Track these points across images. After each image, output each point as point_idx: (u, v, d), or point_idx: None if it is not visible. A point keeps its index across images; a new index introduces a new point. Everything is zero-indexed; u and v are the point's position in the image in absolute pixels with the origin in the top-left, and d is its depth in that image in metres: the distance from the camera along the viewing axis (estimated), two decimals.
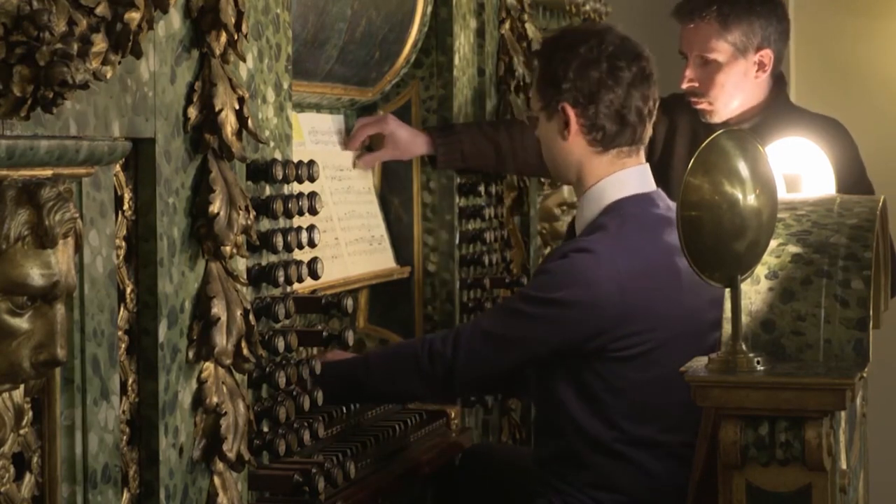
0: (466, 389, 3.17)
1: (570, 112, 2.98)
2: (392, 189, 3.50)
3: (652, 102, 3.02)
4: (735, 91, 3.65)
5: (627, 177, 3.00)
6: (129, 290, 2.10)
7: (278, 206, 2.53)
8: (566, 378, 2.90)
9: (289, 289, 2.58)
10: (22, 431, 1.82)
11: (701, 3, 3.67)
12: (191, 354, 2.18)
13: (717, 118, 3.64)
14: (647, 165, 3.07)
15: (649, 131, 3.05)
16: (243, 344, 2.24)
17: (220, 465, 2.23)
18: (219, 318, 2.20)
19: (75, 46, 1.67)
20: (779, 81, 3.74)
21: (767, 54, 3.65)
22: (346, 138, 3.37)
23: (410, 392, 3.04)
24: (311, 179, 2.68)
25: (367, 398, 3.02)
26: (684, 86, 3.67)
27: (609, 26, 3.13)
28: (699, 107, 3.67)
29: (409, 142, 3.36)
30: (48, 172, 1.77)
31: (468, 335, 2.93)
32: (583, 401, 2.89)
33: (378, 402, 3.12)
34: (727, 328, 2.32)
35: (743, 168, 2.28)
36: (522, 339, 2.89)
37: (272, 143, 2.53)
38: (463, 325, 2.99)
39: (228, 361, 2.22)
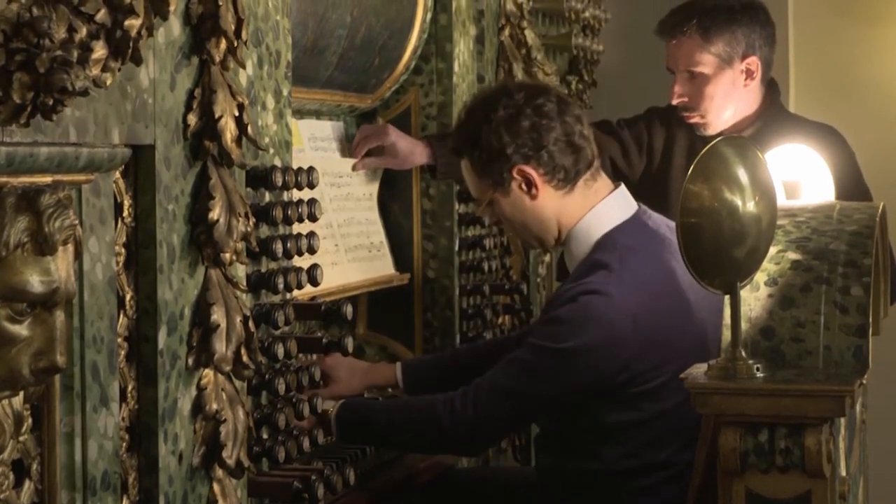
0: (490, 445, 3.29)
1: (527, 168, 2.91)
2: (391, 195, 3.50)
3: (584, 120, 2.98)
4: (725, 102, 3.64)
5: (607, 207, 2.95)
6: (128, 296, 2.10)
7: (278, 212, 2.53)
8: (582, 416, 2.87)
9: (288, 295, 2.58)
10: (21, 438, 1.82)
11: (681, 18, 3.66)
12: (190, 361, 2.19)
13: (712, 130, 3.63)
14: (622, 185, 3.02)
15: (596, 148, 3.00)
16: (243, 351, 2.24)
17: (219, 472, 2.23)
18: (218, 325, 2.20)
19: (75, 53, 1.67)
20: (771, 88, 3.73)
21: (754, 61, 3.64)
22: (346, 145, 3.38)
23: (432, 449, 3.05)
24: (311, 186, 2.69)
25: (383, 446, 3.00)
26: (674, 101, 3.66)
27: (504, 82, 3.11)
28: (692, 121, 3.66)
29: (409, 152, 3.35)
30: (48, 179, 1.77)
31: (487, 396, 2.85)
32: (601, 433, 2.86)
33: (393, 450, 3.08)
34: (727, 335, 2.32)
35: (742, 175, 2.28)
36: (544, 394, 2.84)
37: (272, 150, 2.53)
38: (481, 381, 2.89)
39: (228, 368, 2.23)
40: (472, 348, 3.33)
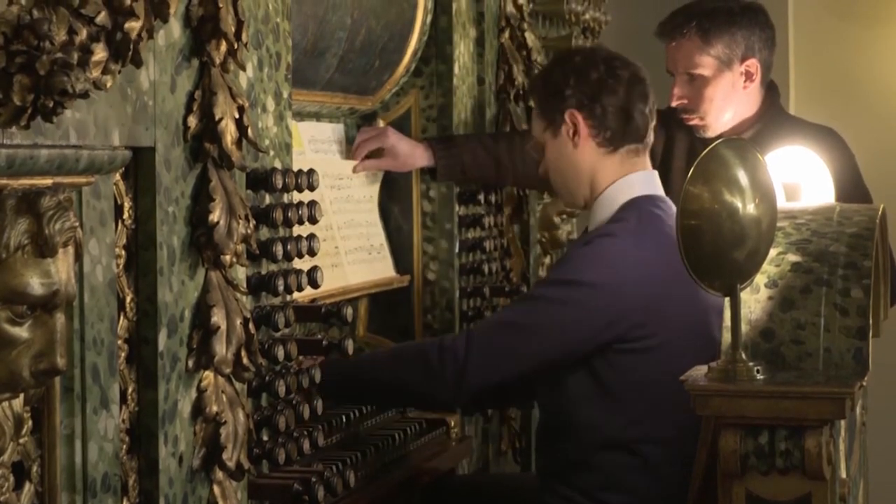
0: (475, 393, 2.95)
1: (578, 116, 3.02)
2: (392, 198, 3.50)
3: (652, 104, 3.08)
4: (725, 104, 3.65)
5: (637, 179, 3.05)
6: (128, 298, 2.10)
7: (278, 214, 2.53)
8: (581, 373, 2.88)
9: (288, 297, 2.58)
10: (22, 440, 1.82)
11: (680, 21, 3.67)
12: (190, 363, 2.18)
13: (711, 132, 3.64)
14: (655, 172, 3.11)
15: (652, 134, 3.08)
16: (243, 353, 2.24)
17: (219, 474, 2.23)
18: (218, 327, 2.20)
19: (75, 56, 1.68)
20: (771, 91, 3.73)
21: (753, 64, 3.65)
22: (346, 147, 3.38)
23: (414, 391, 2.91)
24: (311, 188, 2.69)
25: (367, 392, 2.95)
26: (674, 104, 3.67)
27: (597, 45, 3.19)
28: (691, 123, 3.67)
29: (409, 155, 3.36)
30: (48, 181, 1.77)
31: (483, 329, 2.87)
32: (600, 397, 2.87)
33: (379, 402, 3.03)
34: (727, 337, 2.32)
35: (742, 177, 2.28)
36: (545, 327, 2.83)
37: (272, 152, 2.53)
38: (475, 325, 2.92)
39: (228, 370, 2.23)
40: None
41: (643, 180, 3.06)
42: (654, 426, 2.87)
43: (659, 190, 3.09)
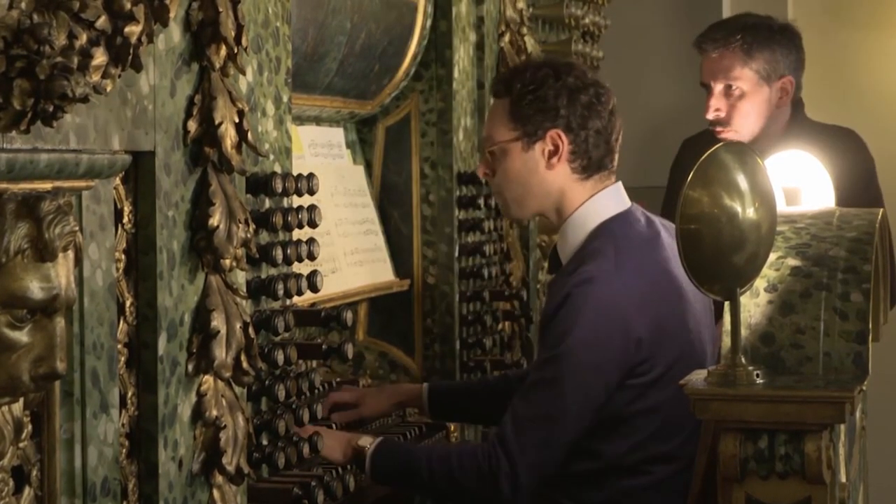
0: (535, 484, 2.89)
1: (563, 138, 2.94)
2: (391, 202, 3.50)
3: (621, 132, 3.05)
4: (759, 119, 3.68)
5: (606, 198, 2.97)
6: (128, 303, 2.10)
7: (278, 219, 2.53)
8: (602, 413, 2.87)
9: (288, 302, 2.59)
10: (21, 445, 1.82)
11: (725, 33, 3.72)
12: (190, 367, 2.19)
13: None
14: (619, 183, 3.03)
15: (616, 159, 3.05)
16: (243, 357, 2.24)
17: (219, 479, 2.23)
18: (218, 331, 2.20)
19: (75, 60, 1.68)
20: (797, 106, 3.77)
21: (789, 81, 3.70)
22: (347, 151, 3.38)
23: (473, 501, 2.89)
24: (311, 192, 2.69)
25: (418, 493, 2.97)
26: (710, 115, 3.69)
27: (575, 62, 3.17)
28: (724, 135, 3.67)
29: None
30: (48, 186, 1.77)
31: (518, 432, 2.80)
32: (606, 427, 2.85)
33: (436, 499, 3.01)
34: (726, 341, 2.32)
35: (742, 181, 2.28)
36: (575, 404, 2.79)
37: (272, 156, 2.53)
38: (501, 428, 2.86)
39: (228, 374, 2.23)
40: (503, 377, 3.30)
41: (612, 197, 2.98)
42: (663, 446, 2.85)
43: (627, 202, 3.01)
